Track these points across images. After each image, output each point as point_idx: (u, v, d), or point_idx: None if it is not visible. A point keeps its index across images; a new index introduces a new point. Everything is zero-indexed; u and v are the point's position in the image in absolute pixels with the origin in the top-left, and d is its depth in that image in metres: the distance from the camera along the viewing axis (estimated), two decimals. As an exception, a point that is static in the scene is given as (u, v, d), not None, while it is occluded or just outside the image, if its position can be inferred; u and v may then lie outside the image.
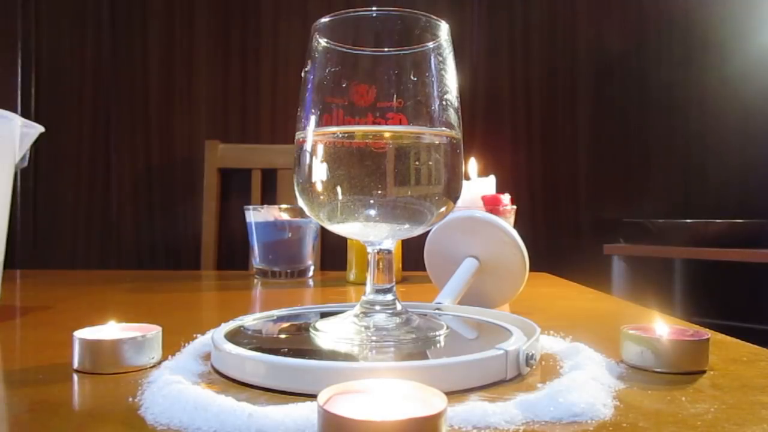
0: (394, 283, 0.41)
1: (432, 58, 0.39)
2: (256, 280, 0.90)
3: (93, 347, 0.34)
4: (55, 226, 1.51)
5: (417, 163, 0.38)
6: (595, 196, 1.61)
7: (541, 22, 1.60)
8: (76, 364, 0.34)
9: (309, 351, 0.38)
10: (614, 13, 1.62)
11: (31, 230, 1.51)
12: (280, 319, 0.45)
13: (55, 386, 0.32)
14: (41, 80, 1.52)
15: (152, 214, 1.52)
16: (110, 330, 0.36)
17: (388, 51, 0.38)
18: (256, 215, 0.92)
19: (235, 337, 0.37)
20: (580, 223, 1.60)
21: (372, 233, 0.40)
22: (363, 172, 0.37)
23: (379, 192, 0.37)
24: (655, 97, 1.63)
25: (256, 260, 0.92)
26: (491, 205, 0.79)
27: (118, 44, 1.52)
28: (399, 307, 0.41)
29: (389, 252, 0.41)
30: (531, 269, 0.56)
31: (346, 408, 0.21)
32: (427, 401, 0.22)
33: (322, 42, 0.39)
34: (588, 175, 1.61)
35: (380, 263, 0.41)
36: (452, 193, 0.39)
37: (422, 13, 0.39)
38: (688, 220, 1.50)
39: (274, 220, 0.92)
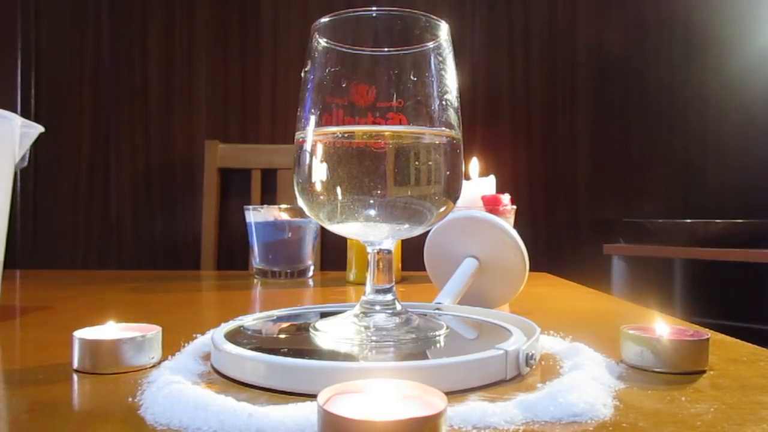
0: (393, 283, 0.41)
1: (432, 58, 0.39)
2: (256, 280, 0.90)
3: (93, 347, 0.34)
4: (55, 226, 1.51)
5: (417, 163, 0.38)
6: (595, 196, 1.61)
7: (541, 22, 1.60)
8: (76, 364, 0.34)
9: (309, 351, 0.38)
10: (614, 13, 1.62)
11: (31, 230, 1.51)
12: (280, 319, 0.45)
13: (55, 386, 0.32)
14: (41, 80, 1.52)
15: (152, 214, 1.52)
16: (110, 330, 0.36)
17: (388, 51, 0.38)
18: (256, 215, 0.92)
19: (234, 337, 0.37)
20: (580, 223, 1.60)
21: (372, 233, 0.40)
22: (363, 172, 0.37)
23: (379, 192, 0.37)
24: (655, 98, 1.63)
25: (256, 260, 0.92)
26: (491, 205, 0.79)
27: (118, 44, 1.53)
28: (399, 307, 0.41)
29: (389, 252, 0.41)
30: (531, 269, 0.56)
31: (346, 408, 0.21)
32: (427, 401, 0.22)
33: (322, 42, 0.39)
34: (588, 174, 1.61)
35: (380, 263, 0.41)
36: (452, 193, 0.39)
37: (422, 13, 0.39)
38: (688, 220, 1.50)
39: (274, 220, 0.92)
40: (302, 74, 0.40)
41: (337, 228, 0.40)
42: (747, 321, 1.35)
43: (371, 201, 0.37)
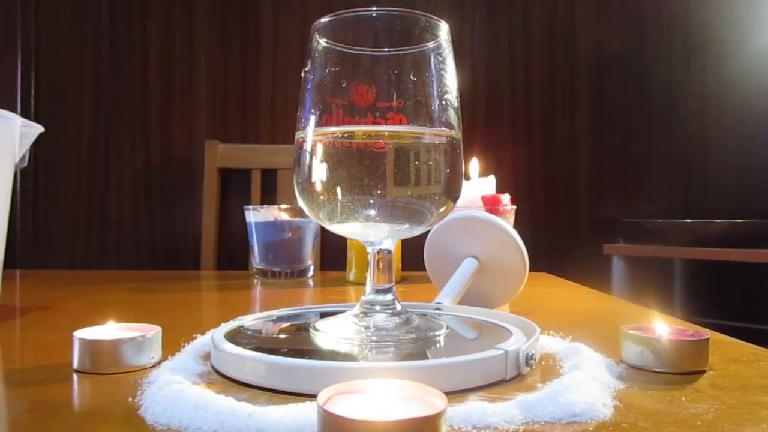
0: (393, 283, 0.41)
1: (432, 58, 0.39)
2: (255, 280, 0.90)
3: (93, 347, 0.34)
4: (55, 226, 1.51)
5: (417, 163, 0.38)
6: (595, 196, 1.61)
7: (541, 22, 1.60)
8: (76, 364, 0.34)
9: (309, 351, 0.38)
10: (614, 13, 1.62)
11: (31, 230, 1.51)
12: (280, 319, 0.45)
13: (55, 386, 0.32)
14: (41, 80, 1.52)
15: (152, 214, 1.52)
16: (110, 330, 0.36)
17: (388, 51, 0.38)
18: (256, 215, 0.92)
19: (234, 337, 0.37)
20: (580, 223, 1.60)
21: (372, 233, 0.40)
22: (363, 172, 0.37)
23: (379, 192, 0.37)
24: (655, 97, 1.63)
25: (256, 260, 0.92)
26: (491, 205, 0.79)
27: (118, 44, 1.53)
28: (399, 307, 0.41)
29: (389, 252, 0.41)
30: (531, 269, 0.56)
31: (345, 408, 0.21)
32: (427, 401, 0.22)
33: (322, 42, 0.39)
34: (588, 174, 1.61)
35: (380, 263, 0.41)
36: (452, 193, 0.39)
37: (422, 13, 0.39)
38: (688, 220, 1.50)
39: (274, 220, 0.92)
40: (302, 74, 0.40)
41: (337, 228, 0.40)
42: (747, 321, 1.35)
43: (371, 201, 0.37)
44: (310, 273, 0.94)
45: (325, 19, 0.39)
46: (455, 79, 0.40)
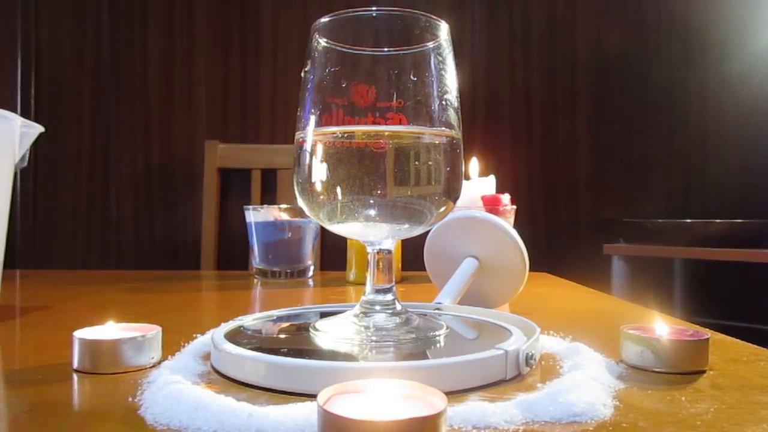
0: (393, 283, 0.41)
1: (432, 58, 0.39)
2: (255, 280, 0.90)
3: (93, 347, 0.34)
4: (54, 226, 1.51)
5: (417, 163, 0.38)
6: (595, 196, 1.61)
7: (541, 22, 1.60)
8: (75, 364, 0.34)
9: (309, 351, 0.38)
10: (614, 13, 1.62)
11: (31, 230, 1.51)
12: (280, 319, 0.45)
13: (55, 386, 0.32)
14: (41, 80, 1.52)
15: (152, 214, 1.52)
16: (110, 330, 0.36)
17: (388, 51, 0.38)
18: (256, 215, 0.92)
19: (234, 337, 0.37)
20: (579, 223, 1.60)
21: (372, 233, 0.40)
22: (363, 172, 0.37)
23: (379, 192, 0.37)
24: (655, 97, 1.63)
25: (256, 260, 0.92)
26: (491, 205, 0.79)
27: (118, 44, 1.53)
28: (399, 307, 0.41)
29: (389, 252, 0.41)
30: (531, 269, 0.56)
31: (345, 408, 0.21)
32: (427, 401, 0.22)
33: (322, 42, 0.39)
34: (588, 174, 1.61)
35: (380, 263, 0.41)
36: (452, 193, 0.39)
37: (422, 13, 0.39)
38: (688, 220, 1.50)
39: (274, 220, 0.92)
40: (302, 74, 0.40)
41: (337, 228, 0.40)
42: (747, 321, 1.35)
43: (371, 201, 0.37)
44: (310, 273, 0.94)
45: (325, 19, 0.39)
46: (455, 79, 0.40)
